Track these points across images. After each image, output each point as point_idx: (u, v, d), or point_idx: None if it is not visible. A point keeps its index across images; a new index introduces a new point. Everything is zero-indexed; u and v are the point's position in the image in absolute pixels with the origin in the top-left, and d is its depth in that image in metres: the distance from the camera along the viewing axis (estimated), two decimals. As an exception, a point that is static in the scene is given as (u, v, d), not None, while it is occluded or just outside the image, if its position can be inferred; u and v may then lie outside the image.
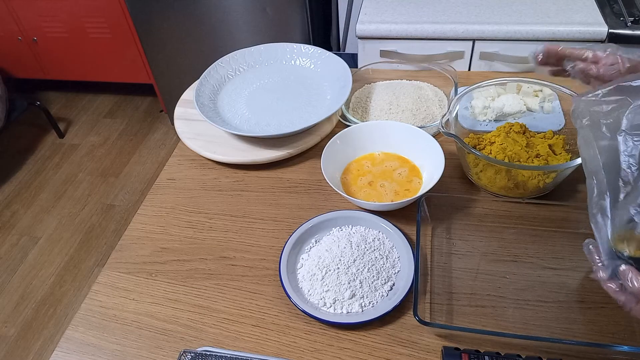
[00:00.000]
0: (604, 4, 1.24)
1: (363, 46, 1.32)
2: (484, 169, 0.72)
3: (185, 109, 0.97)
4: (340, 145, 0.79)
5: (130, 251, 0.75)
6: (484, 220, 0.72)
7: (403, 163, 0.80)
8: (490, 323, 0.60)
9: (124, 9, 2.05)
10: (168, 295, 0.68)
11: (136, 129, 2.41)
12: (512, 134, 0.75)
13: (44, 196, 2.09)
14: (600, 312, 0.60)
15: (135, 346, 0.63)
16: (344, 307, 0.63)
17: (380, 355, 0.59)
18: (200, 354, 0.58)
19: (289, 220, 0.77)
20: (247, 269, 0.71)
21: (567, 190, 0.76)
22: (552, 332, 0.59)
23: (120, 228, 1.93)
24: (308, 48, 1.01)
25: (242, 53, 1.02)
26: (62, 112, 2.55)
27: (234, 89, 0.98)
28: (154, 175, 2.14)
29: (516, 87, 0.89)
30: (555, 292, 0.63)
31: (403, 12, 1.29)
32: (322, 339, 0.61)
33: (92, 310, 0.68)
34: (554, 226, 0.69)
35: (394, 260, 0.67)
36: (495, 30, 1.20)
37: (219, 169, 0.88)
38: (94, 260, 1.82)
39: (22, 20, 2.24)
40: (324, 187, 0.81)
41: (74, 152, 2.31)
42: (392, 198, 0.75)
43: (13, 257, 1.85)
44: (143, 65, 2.25)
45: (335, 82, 0.94)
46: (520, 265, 0.66)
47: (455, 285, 0.65)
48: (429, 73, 0.98)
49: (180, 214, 0.80)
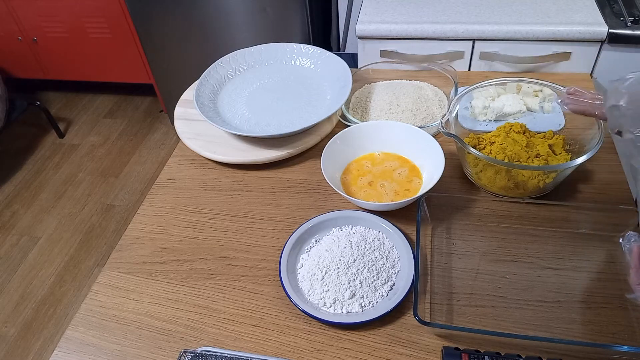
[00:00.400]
0: (604, 4, 1.24)
1: (363, 46, 1.32)
2: (484, 169, 0.72)
3: (185, 109, 0.97)
4: (340, 145, 0.79)
5: (130, 251, 0.75)
6: (484, 220, 0.72)
7: (403, 163, 0.80)
8: (490, 323, 0.60)
9: (124, 9, 2.05)
10: (168, 295, 0.68)
11: (136, 129, 2.41)
12: (512, 134, 0.75)
13: (44, 196, 2.09)
14: (600, 312, 0.60)
15: (135, 346, 0.63)
16: (344, 307, 0.63)
17: (380, 355, 0.59)
18: (200, 354, 0.58)
19: (289, 220, 0.77)
20: (247, 269, 0.71)
21: (567, 190, 0.76)
22: (552, 332, 0.59)
23: (120, 228, 1.93)
24: (308, 48, 1.01)
25: (242, 53, 1.02)
26: (62, 112, 2.55)
27: (234, 89, 0.98)
28: (154, 175, 2.14)
29: (516, 87, 0.89)
30: (555, 292, 0.63)
31: (403, 12, 1.29)
32: (322, 339, 0.61)
33: (92, 310, 0.68)
34: (554, 226, 0.69)
35: (394, 260, 0.67)
36: (495, 30, 1.20)
37: (219, 169, 0.88)
38: (94, 260, 1.82)
39: (22, 20, 2.24)
40: (324, 187, 0.81)
41: (74, 152, 2.31)
42: (392, 198, 0.75)
43: (13, 257, 1.85)
44: (143, 65, 2.25)
45: (335, 82, 0.94)
46: (520, 265, 0.66)
47: (455, 285, 0.65)
48: (429, 73, 0.98)
49: (180, 214, 0.80)
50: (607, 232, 0.67)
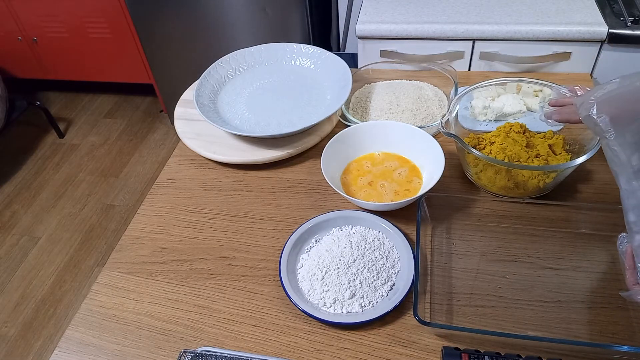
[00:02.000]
0: (604, 4, 1.24)
1: (363, 46, 1.32)
2: (484, 169, 0.72)
3: (185, 109, 0.97)
4: (340, 145, 0.79)
5: (130, 251, 0.75)
6: (483, 220, 0.72)
7: (403, 163, 0.80)
8: (490, 323, 0.60)
9: (124, 9, 2.05)
10: (168, 295, 0.68)
11: (136, 129, 2.41)
12: (512, 134, 0.75)
13: (44, 196, 2.09)
14: (600, 312, 0.60)
15: (135, 346, 0.63)
16: (344, 307, 0.63)
17: (380, 355, 0.59)
18: (200, 354, 0.58)
19: (289, 220, 0.77)
20: (247, 269, 0.71)
21: (567, 190, 0.76)
22: (552, 332, 0.59)
23: (120, 228, 1.93)
24: (308, 48, 1.01)
25: (242, 53, 1.02)
26: (62, 112, 2.55)
27: (234, 89, 0.98)
28: (154, 175, 2.14)
29: (516, 87, 0.89)
30: (555, 292, 0.63)
31: (403, 12, 1.29)
32: (322, 339, 0.61)
33: (92, 310, 0.68)
34: (554, 226, 0.69)
35: (394, 260, 0.67)
36: (495, 30, 1.20)
37: (219, 169, 0.88)
38: (94, 260, 1.82)
39: (22, 20, 2.24)
40: (324, 187, 0.81)
41: (74, 152, 2.31)
42: (392, 198, 0.75)
43: (13, 257, 1.85)
44: (143, 65, 2.25)
45: (335, 82, 0.94)
46: (520, 265, 0.66)
47: (455, 285, 0.65)
48: (429, 73, 0.98)
49: (180, 214, 0.80)
50: (607, 232, 0.67)
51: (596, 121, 0.52)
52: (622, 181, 0.51)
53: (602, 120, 0.52)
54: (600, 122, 0.52)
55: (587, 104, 0.53)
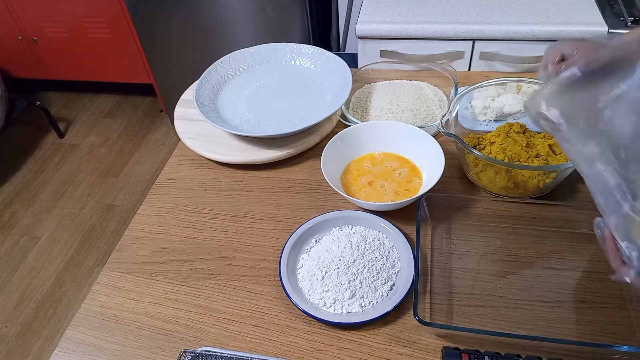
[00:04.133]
0: (604, 4, 1.24)
1: (363, 46, 1.32)
2: (484, 169, 0.72)
3: (185, 109, 0.97)
4: (340, 145, 0.79)
5: (130, 251, 0.75)
6: (483, 220, 0.72)
7: (403, 163, 0.80)
8: (490, 323, 0.60)
9: (124, 9, 2.05)
10: (168, 295, 0.68)
11: (136, 129, 2.41)
12: (512, 134, 0.75)
13: (44, 196, 2.09)
14: (600, 312, 0.60)
15: (135, 346, 0.63)
16: (344, 307, 0.63)
17: (380, 355, 0.59)
18: (200, 354, 0.58)
19: (289, 220, 0.77)
20: (247, 269, 0.71)
21: (567, 190, 0.76)
22: (552, 332, 0.59)
23: (120, 228, 1.93)
24: (308, 48, 1.01)
25: (242, 53, 1.02)
26: (62, 112, 2.55)
27: (234, 89, 0.98)
28: (154, 175, 2.14)
29: (516, 87, 0.89)
30: (555, 292, 0.63)
31: (403, 12, 1.29)
32: (322, 339, 0.61)
33: (92, 310, 0.68)
34: (554, 226, 0.69)
35: (394, 260, 0.67)
36: (495, 30, 1.20)
37: (219, 169, 0.88)
38: (94, 260, 1.82)
39: (22, 20, 2.24)
40: (324, 187, 0.81)
41: (74, 152, 2.31)
42: (392, 198, 0.75)
43: (13, 257, 1.85)
44: (143, 65, 2.25)
45: (335, 82, 0.94)
46: (520, 265, 0.66)
47: (455, 285, 0.65)
48: (429, 73, 0.98)
49: (180, 214, 0.80)
50: (607, 232, 0.67)
51: (547, 116, 0.53)
52: (584, 167, 0.52)
53: (552, 114, 0.52)
54: (551, 116, 0.52)
55: (535, 103, 0.54)
